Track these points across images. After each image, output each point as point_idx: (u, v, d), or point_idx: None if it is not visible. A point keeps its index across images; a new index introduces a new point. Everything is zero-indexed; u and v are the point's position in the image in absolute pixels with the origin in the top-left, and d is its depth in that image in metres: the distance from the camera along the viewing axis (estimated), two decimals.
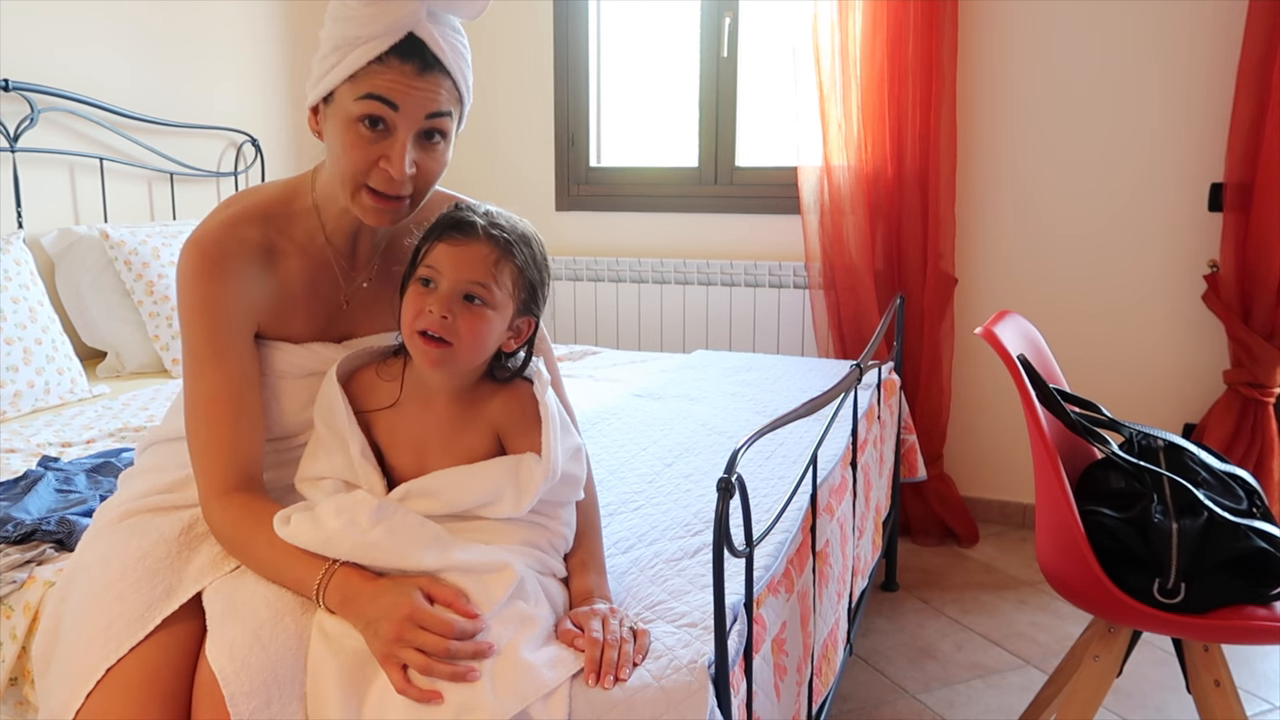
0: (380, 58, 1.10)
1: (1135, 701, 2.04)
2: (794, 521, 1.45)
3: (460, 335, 1.12)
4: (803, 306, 3.11)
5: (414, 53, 1.11)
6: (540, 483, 1.16)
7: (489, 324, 1.14)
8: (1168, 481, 1.47)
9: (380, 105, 1.11)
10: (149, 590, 1.11)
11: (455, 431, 1.20)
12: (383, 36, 1.09)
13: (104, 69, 2.74)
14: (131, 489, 1.28)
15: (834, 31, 2.85)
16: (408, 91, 1.11)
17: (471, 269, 1.12)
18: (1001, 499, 3.07)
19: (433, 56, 1.12)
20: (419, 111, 1.13)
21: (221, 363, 1.17)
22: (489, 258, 1.13)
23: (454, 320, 1.12)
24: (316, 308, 1.27)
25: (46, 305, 2.33)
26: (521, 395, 1.21)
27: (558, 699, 1.02)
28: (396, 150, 1.13)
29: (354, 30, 1.10)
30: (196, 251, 1.18)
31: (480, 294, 1.13)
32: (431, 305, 1.12)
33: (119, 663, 1.06)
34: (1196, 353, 2.77)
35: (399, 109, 1.11)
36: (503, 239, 1.14)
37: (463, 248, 1.13)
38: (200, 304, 1.17)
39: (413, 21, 1.10)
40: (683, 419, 2.10)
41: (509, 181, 3.51)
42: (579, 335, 3.44)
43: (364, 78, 1.11)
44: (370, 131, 1.12)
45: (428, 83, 1.12)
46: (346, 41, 1.11)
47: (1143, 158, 2.75)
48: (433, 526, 1.14)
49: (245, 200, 1.24)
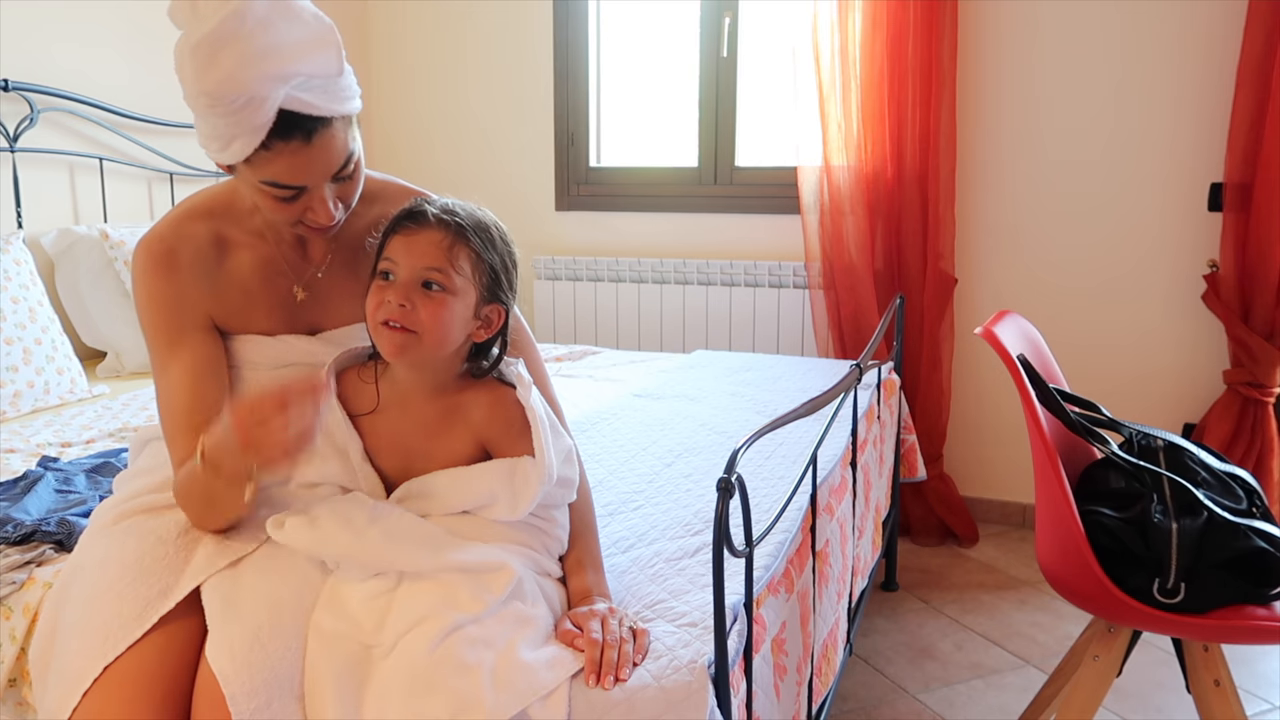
0: (265, 144, 1.07)
1: (1135, 701, 2.04)
2: (794, 521, 1.45)
3: (422, 323, 1.12)
4: (802, 306, 3.11)
5: (295, 127, 1.07)
6: (537, 488, 1.16)
7: (450, 310, 1.14)
8: (1167, 481, 1.47)
9: (284, 190, 1.11)
10: (145, 590, 1.11)
11: (436, 434, 1.20)
12: (253, 132, 1.05)
13: (104, 69, 2.74)
14: (127, 489, 1.28)
15: (834, 31, 2.85)
16: (306, 165, 1.10)
17: (426, 256, 1.13)
18: (1001, 499, 3.07)
19: (313, 120, 1.08)
20: (325, 175, 1.13)
21: (175, 356, 1.19)
22: (443, 243, 1.13)
23: (413, 309, 1.12)
24: (275, 300, 1.27)
25: (46, 305, 2.33)
26: (506, 402, 1.21)
27: (557, 699, 1.02)
28: (316, 206, 1.14)
29: (223, 130, 1.06)
30: (145, 251, 1.20)
31: (438, 279, 1.13)
32: (390, 295, 1.13)
33: (115, 662, 1.05)
34: (1196, 353, 2.77)
35: (305, 185, 1.12)
36: (455, 224, 1.14)
37: (416, 236, 1.14)
38: (151, 300, 1.19)
39: (274, 103, 1.04)
40: (682, 419, 2.10)
41: (509, 181, 3.51)
42: (579, 335, 3.44)
43: (257, 164, 1.09)
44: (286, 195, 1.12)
45: (321, 145, 1.10)
46: (219, 136, 1.07)
47: (1142, 158, 2.75)
48: (429, 526, 1.14)
49: (192, 199, 1.27)
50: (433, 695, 1.00)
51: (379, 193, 1.34)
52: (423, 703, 1.00)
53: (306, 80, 1.06)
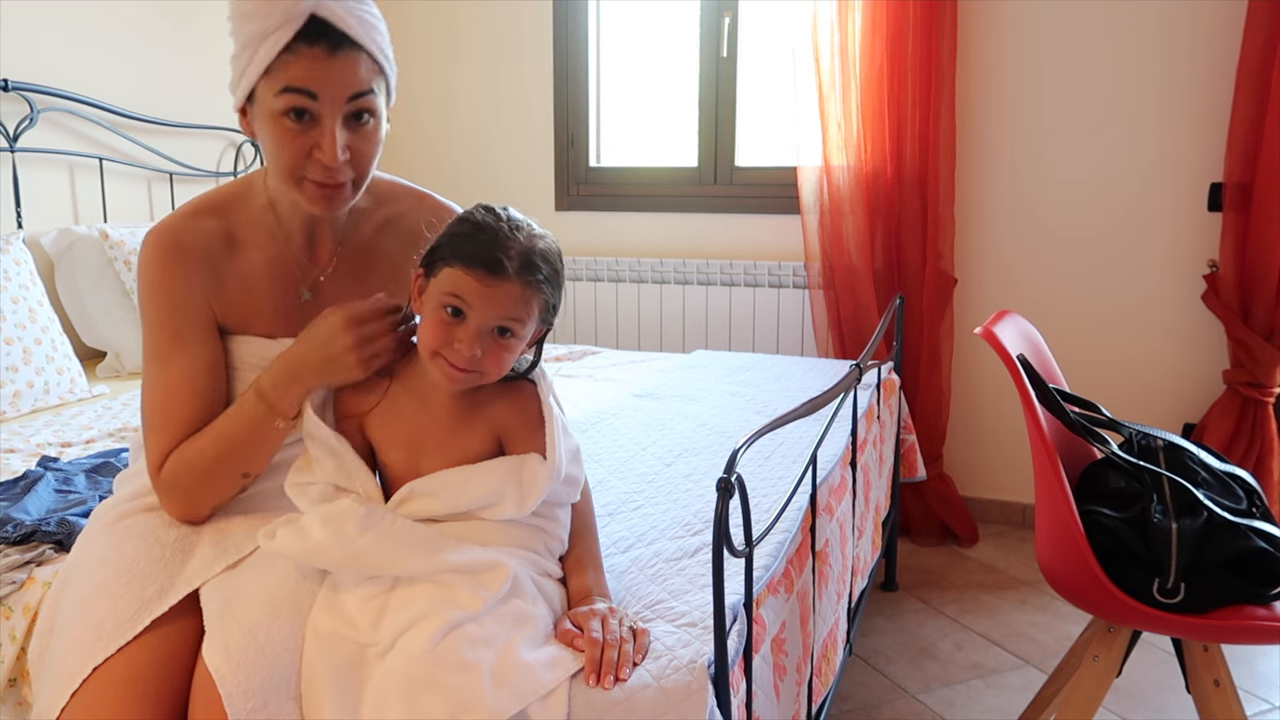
0: (288, 46, 1.08)
1: (1135, 701, 2.04)
2: (794, 521, 1.45)
3: (486, 366, 1.13)
4: (802, 306, 3.11)
5: (320, 34, 1.09)
6: (545, 484, 1.16)
7: (514, 351, 1.15)
8: (1167, 481, 1.47)
9: (300, 97, 1.10)
10: (140, 590, 1.11)
11: (454, 431, 1.20)
12: (285, 25, 1.08)
13: (104, 69, 2.74)
14: (126, 490, 1.28)
15: (833, 31, 2.85)
16: (324, 76, 1.10)
17: (504, 307, 1.11)
18: (1001, 499, 3.07)
19: (340, 34, 1.10)
20: (340, 94, 1.11)
21: (179, 349, 1.18)
22: (522, 295, 1.11)
23: (483, 355, 1.11)
24: (280, 301, 1.27)
25: (46, 305, 2.33)
26: (525, 397, 1.21)
27: (556, 699, 1.02)
28: (326, 138, 1.12)
29: (256, 25, 1.08)
30: (154, 242, 1.19)
31: (512, 328, 1.12)
32: (461, 341, 1.10)
33: (106, 662, 1.05)
34: (1196, 353, 2.77)
35: (319, 96, 1.10)
36: (535, 280, 1.11)
37: (495, 288, 1.09)
38: (157, 292, 1.19)
39: (312, 3, 1.08)
40: (682, 419, 2.10)
41: (509, 181, 3.51)
42: (579, 335, 3.44)
43: (278, 71, 1.09)
44: (296, 124, 1.12)
45: (342, 62, 1.10)
46: (252, 38, 1.09)
47: (1142, 157, 2.75)
48: (422, 530, 1.13)
49: (204, 196, 1.27)
50: (432, 694, 1.00)
51: (388, 194, 1.34)
52: (422, 702, 0.99)
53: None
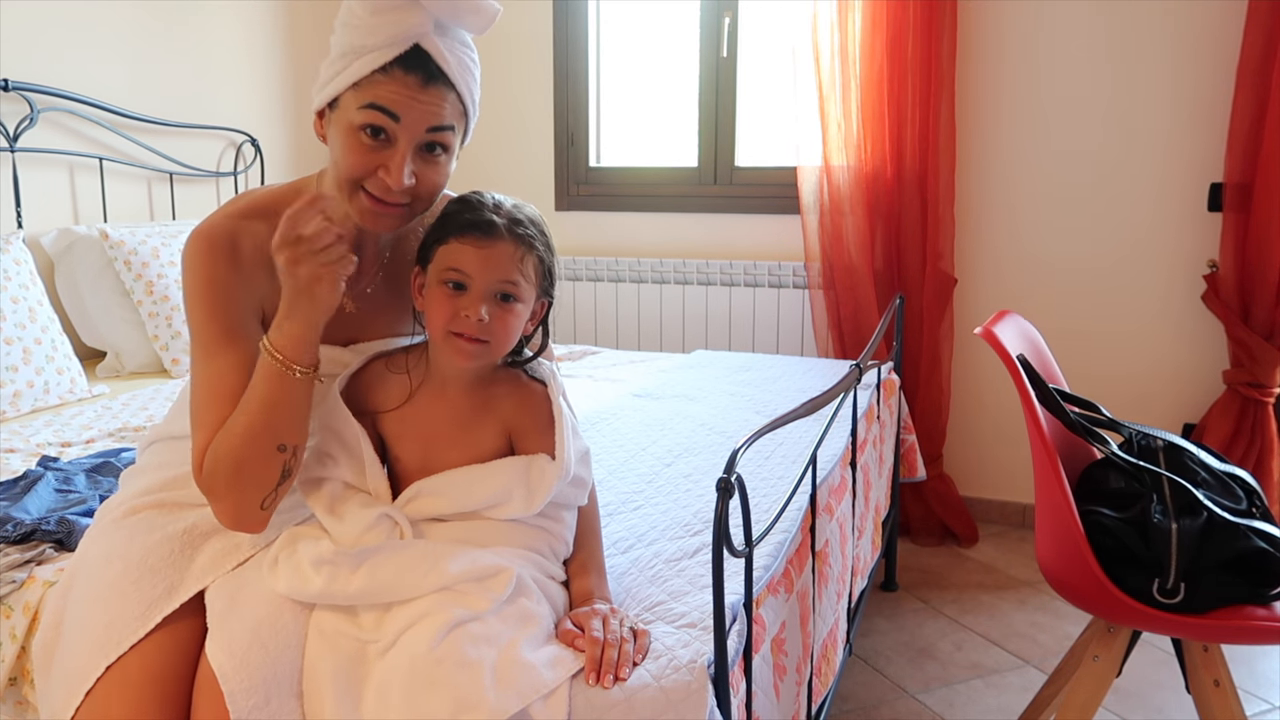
0: (384, 68, 1.10)
1: (1135, 701, 2.04)
2: (793, 521, 1.45)
3: (495, 333, 1.15)
4: (802, 306, 3.11)
5: (418, 64, 1.11)
6: (554, 483, 1.17)
7: (519, 318, 1.17)
8: (1167, 481, 1.47)
9: (382, 115, 1.11)
10: (150, 588, 1.11)
11: (467, 424, 1.21)
12: (388, 47, 1.09)
13: (104, 69, 2.74)
14: (133, 486, 1.28)
15: (833, 31, 2.85)
16: (410, 104, 1.11)
17: (502, 269, 1.14)
18: (1001, 499, 3.07)
19: (437, 69, 1.12)
20: (420, 124, 1.12)
21: (230, 343, 1.15)
22: (515, 254, 1.15)
23: (490, 321, 1.14)
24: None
25: (46, 305, 2.33)
26: (536, 397, 1.23)
27: (557, 698, 1.02)
28: (396, 161, 1.12)
29: (360, 39, 1.10)
30: (205, 239, 1.17)
31: (512, 291, 1.15)
32: (467, 309, 1.13)
33: (118, 661, 1.06)
34: (1196, 353, 2.77)
35: (400, 120, 1.11)
36: (526, 236, 1.16)
37: (489, 249, 1.13)
38: (207, 287, 1.16)
39: (419, 33, 1.10)
40: (682, 419, 2.10)
41: (509, 181, 3.51)
42: (579, 335, 3.44)
43: (367, 86, 1.11)
44: (371, 140, 1.12)
45: (431, 96, 1.12)
46: (353, 49, 1.11)
47: (1142, 157, 2.75)
48: (419, 547, 1.13)
49: (252, 196, 1.25)
50: (434, 692, 1.00)
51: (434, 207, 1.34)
52: (423, 699, 1.00)
53: (454, 29, 1.14)
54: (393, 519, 1.16)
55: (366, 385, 1.24)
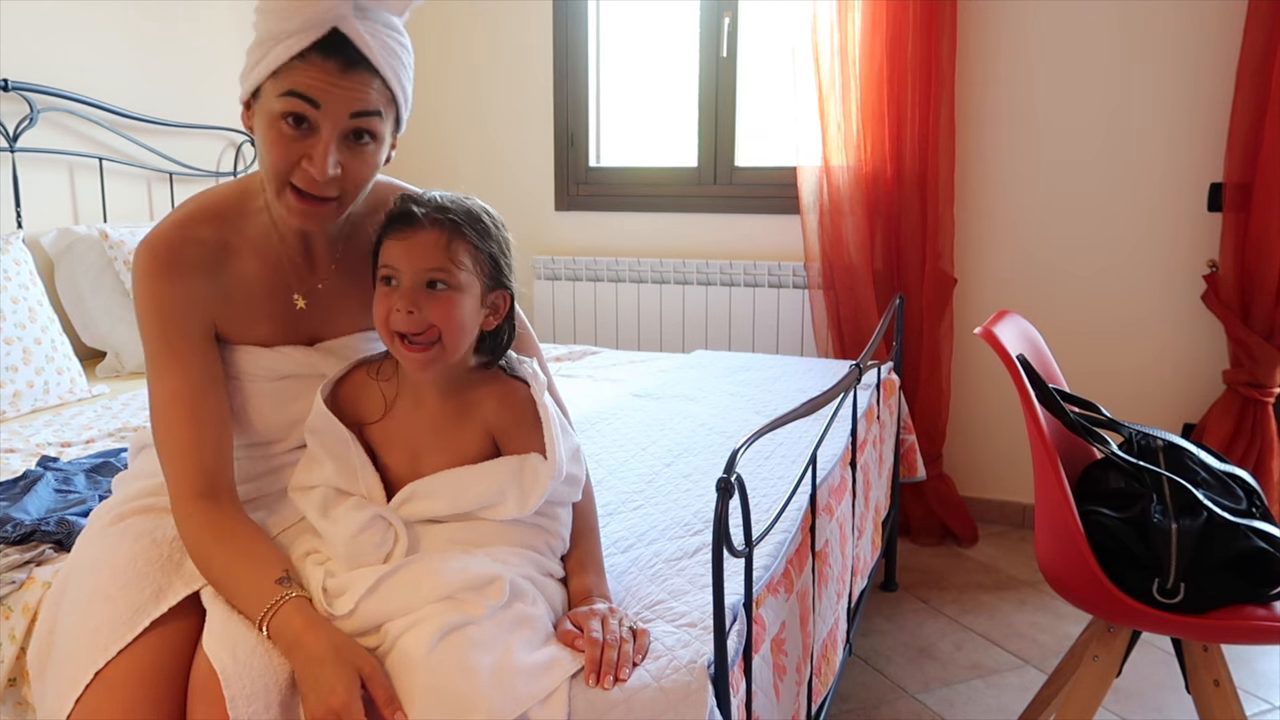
0: (302, 54, 1.07)
1: (1135, 701, 2.04)
2: (793, 521, 1.45)
3: (434, 324, 1.12)
4: (802, 306, 3.11)
5: (336, 49, 1.08)
6: (547, 483, 1.16)
7: (459, 306, 1.14)
8: (1167, 481, 1.47)
9: (301, 103, 1.08)
10: (137, 593, 1.11)
11: (448, 430, 1.20)
12: (304, 32, 1.06)
13: (103, 69, 2.74)
14: (123, 492, 1.28)
15: (833, 31, 2.85)
16: (330, 90, 1.08)
17: (425, 257, 1.12)
18: (1001, 499, 3.07)
19: (357, 53, 1.09)
20: (343, 110, 1.09)
21: (178, 363, 1.15)
22: (439, 241, 1.13)
23: (421, 312, 1.12)
24: (277, 309, 1.25)
25: (46, 305, 2.33)
26: (517, 396, 1.21)
27: (556, 699, 1.02)
28: (319, 150, 1.10)
29: (277, 24, 1.07)
30: (149, 252, 1.17)
31: (441, 278, 1.13)
32: (397, 303, 1.12)
33: (108, 665, 1.05)
34: (1196, 352, 2.77)
35: (321, 107, 1.08)
36: (448, 220, 1.13)
37: (411, 239, 1.12)
38: (154, 304, 1.16)
39: (336, 17, 1.07)
40: (682, 419, 2.10)
41: (509, 181, 3.51)
42: (579, 335, 3.44)
43: (285, 74, 1.08)
44: (293, 130, 1.10)
45: (352, 81, 1.09)
46: (270, 36, 1.08)
47: (1142, 157, 2.75)
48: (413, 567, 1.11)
49: (198, 200, 1.23)
50: (432, 696, 1.00)
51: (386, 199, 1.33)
52: (421, 703, 0.99)
53: (377, 12, 1.10)
54: (386, 520, 1.16)
55: (352, 396, 1.23)
